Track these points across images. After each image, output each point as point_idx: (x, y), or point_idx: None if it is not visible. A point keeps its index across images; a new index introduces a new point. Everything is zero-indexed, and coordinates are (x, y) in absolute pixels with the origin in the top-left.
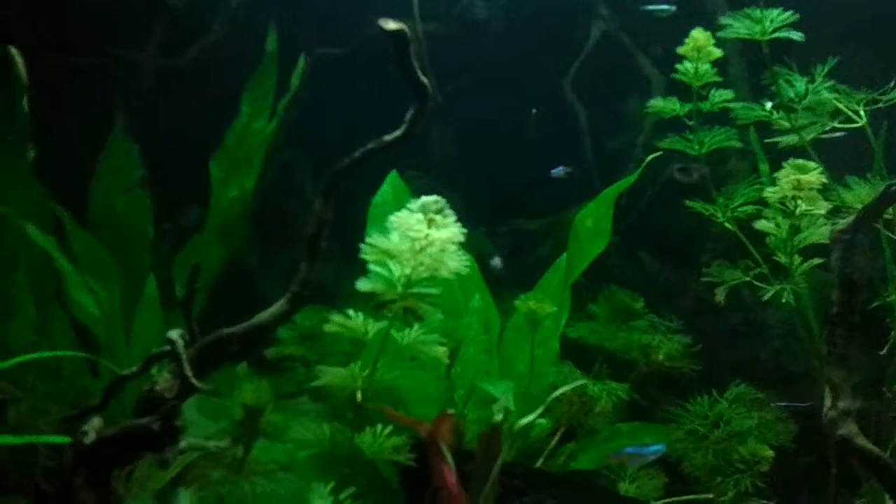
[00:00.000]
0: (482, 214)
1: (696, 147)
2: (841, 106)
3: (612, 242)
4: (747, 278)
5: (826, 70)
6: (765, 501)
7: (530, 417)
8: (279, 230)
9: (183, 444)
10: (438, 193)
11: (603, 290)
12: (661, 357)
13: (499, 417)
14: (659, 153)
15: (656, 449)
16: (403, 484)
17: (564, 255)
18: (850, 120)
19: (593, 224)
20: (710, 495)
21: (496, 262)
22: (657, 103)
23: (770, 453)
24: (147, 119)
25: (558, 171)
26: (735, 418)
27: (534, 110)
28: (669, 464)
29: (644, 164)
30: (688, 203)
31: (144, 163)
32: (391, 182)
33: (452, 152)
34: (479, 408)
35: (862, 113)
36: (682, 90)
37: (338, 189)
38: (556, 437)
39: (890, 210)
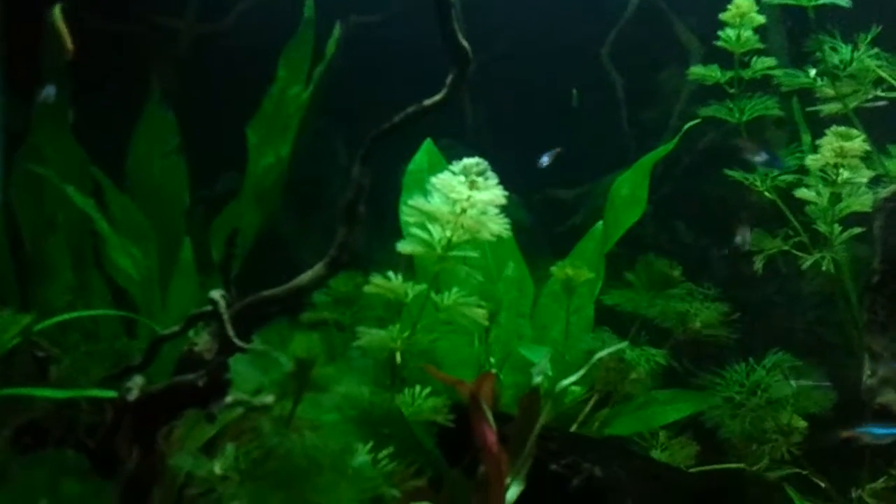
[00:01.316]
0: (516, 183)
1: (737, 115)
2: (884, 74)
3: (646, 212)
4: (786, 247)
5: (870, 38)
6: (798, 470)
7: (571, 379)
8: (313, 197)
9: (229, 398)
10: None
11: (640, 259)
12: (698, 325)
13: (538, 380)
14: (697, 121)
15: (892, 432)
16: (439, 445)
17: (600, 223)
18: (893, 88)
19: (629, 192)
20: (742, 464)
21: (545, 159)
22: (698, 70)
23: (803, 423)
24: (184, 85)
25: (545, 158)
26: (773, 386)
27: (574, 90)
28: (701, 432)
29: (681, 132)
30: (727, 172)
31: (181, 129)
32: (426, 149)
33: (486, 120)
34: (515, 372)
35: None
36: (719, 58)
37: (376, 154)
38: (591, 403)
39: None
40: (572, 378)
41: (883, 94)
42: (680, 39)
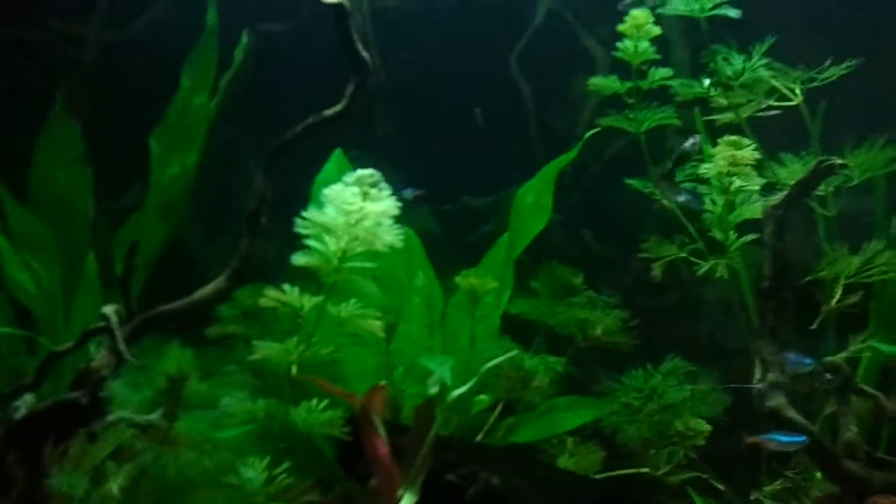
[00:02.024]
0: (427, 192)
1: (636, 125)
2: (777, 84)
3: (556, 220)
4: (683, 254)
5: (764, 49)
6: (698, 473)
7: (462, 390)
8: (223, 208)
9: (111, 417)
10: (383, 171)
11: (543, 267)
12: (598, 332)
13: (433, 391)
14: (598, 129)
15: (796, 440)
16: (340, 458)
17: (508, 232)
18: (786, 98)
19: (534, 200)
20: (647, 469)
21: (407, 193)
22: (598, 80)
23: (706, 427)
24: (90, 94)
25: (407, 192)
26: (669, 391)
27: (476, 110)
28: (608, 439)
29: (583, 140)
30: (627, 181)
31: (86, 138)
32: (335, 160)
33: (398, 130)
34: (420, 383)
35: (798, 91)
36: (626, 69)
37: (278, 165)
38: (496, 412)
39: (822, 186)
40: (464, 388)
41: (776, 104)
42: (587, 50)
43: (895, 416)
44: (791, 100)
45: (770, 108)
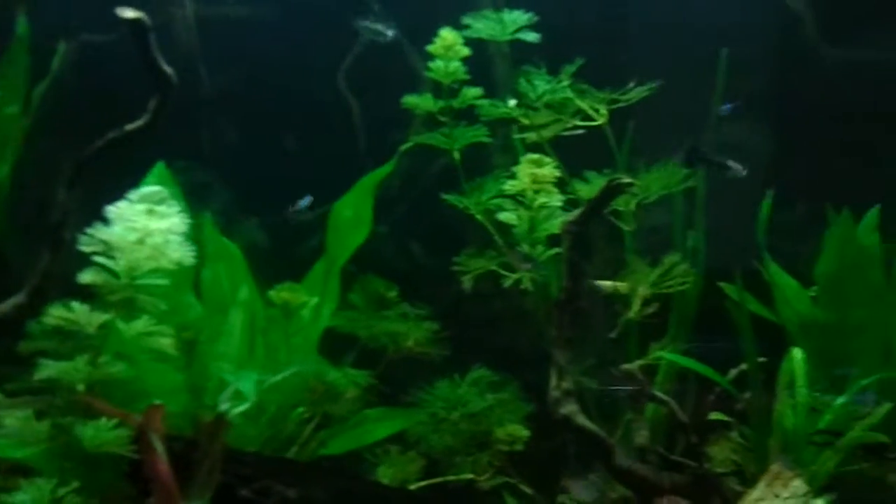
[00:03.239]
0: (254, 205)
1: (451, 142)
2: (583, 105)
3: (383, 233)
4: (493, 267)
5: (573, 70)
6: (508, 479)
7: (243, 407)
8: (39, 220)
9: None
10: (209, 184)
11: (358, 279)
12: (410, 343)
13: (223, 407)
14: (410, 145)
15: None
16: (131, 476)
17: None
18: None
19: (353, 213)
20: (471, 475)
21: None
22: (411, 99)
23: (524, 433)
24: None
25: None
26: (473, 400)
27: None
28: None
29: (398, 154)
30: (444, 196)
31: None
32: (156, 173)
33: (225, 143)
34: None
35: (604, 111)
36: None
37: (81, 178)
38: (311, 426)
39: (623, 203)
40: (243, 406)
41: (582, 124)
42: (413, 66)
43: (684, 421)
44: (595, 120)
45: (576, 127)
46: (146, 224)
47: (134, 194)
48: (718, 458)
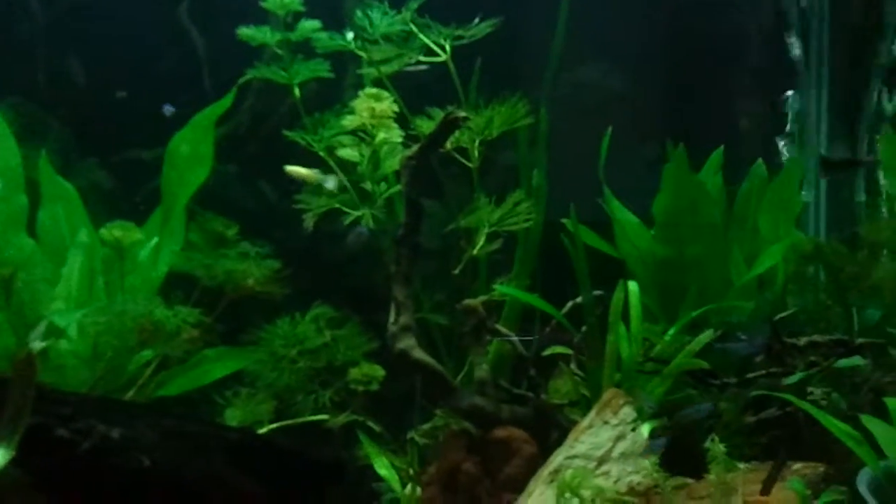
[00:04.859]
0: (94, 144)
1: (289, 77)
2: (427, 40)
3: (231, 172)
4: (336, 204)
5: (415, 6)
6: (356, 417)
7: (44, 344)
8: None
9: None
10: (44, 121)
11: (196, 218)
12: (250, 282)
13: (35, 346)
14: (248, 78)
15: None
16: None
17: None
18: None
19: (190, 150)
20: (326, 416)
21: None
22: (247, 31)
23: (381, 372)
24: None
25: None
26: (311, 337)
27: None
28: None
29: (234, 90)
30: (285, 133)
31: None
32: None
33: (62, 78)
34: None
35: (448, 47)
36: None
37: None
38: (151, 368)
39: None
40: (44, 343)
41: (425, 59)
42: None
43: (525, 355)
44: (439, 55)
45: (419, 63)
46: None
47: None
48: (563, 390)
